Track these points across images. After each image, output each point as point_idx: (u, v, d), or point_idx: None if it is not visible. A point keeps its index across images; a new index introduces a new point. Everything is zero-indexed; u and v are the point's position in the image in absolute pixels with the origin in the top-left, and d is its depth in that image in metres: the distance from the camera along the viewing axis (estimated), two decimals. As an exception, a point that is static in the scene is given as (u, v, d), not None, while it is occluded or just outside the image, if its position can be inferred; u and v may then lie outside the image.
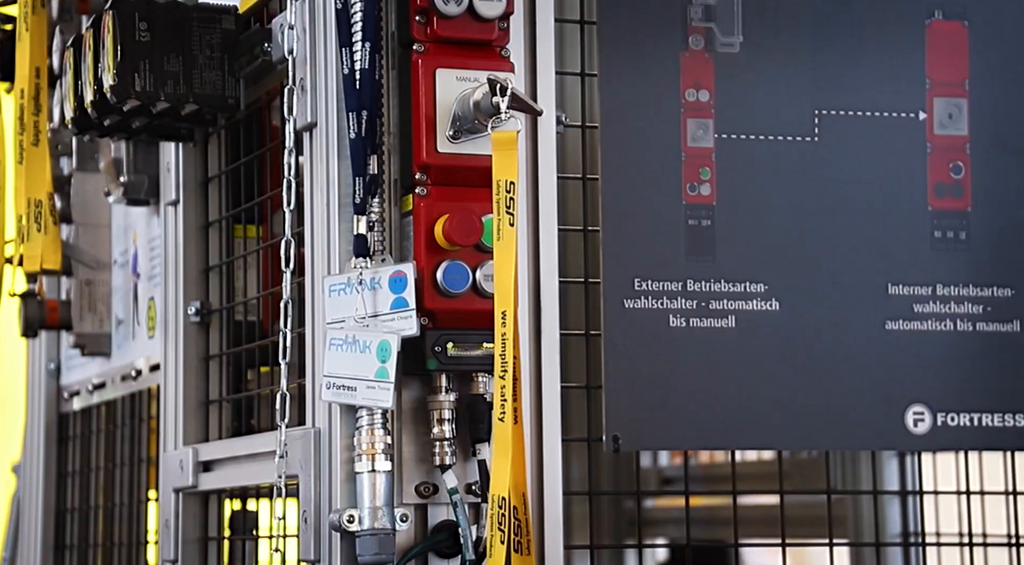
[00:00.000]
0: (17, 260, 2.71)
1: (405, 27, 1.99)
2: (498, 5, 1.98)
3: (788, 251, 2.15)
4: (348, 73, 1.96)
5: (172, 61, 2.18)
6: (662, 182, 2.13)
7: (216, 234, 2.48)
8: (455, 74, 1.97)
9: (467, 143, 1.96)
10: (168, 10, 2.19)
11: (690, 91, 2.15)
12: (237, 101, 2.22)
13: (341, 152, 2.00)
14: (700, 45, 2.16)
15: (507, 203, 1.86)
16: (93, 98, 2.23)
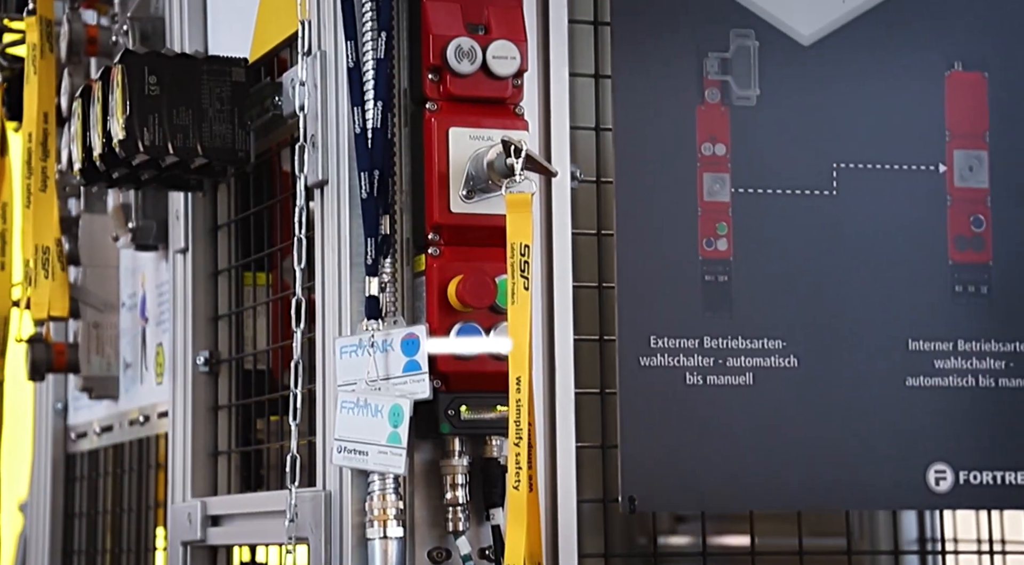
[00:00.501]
0: (25, 303, 2.69)
1: (418, 85, 1.96)
2: (512, 63, 1.95)
3: (806, 306, 2.11)
4: (360, 132, 1.93)
5: (182, 114, 2.15)
6: (678, 237, 2.09)
7: (225, 282, 2.45)
8: (468, 133, 1.94)
9: (480, 202, 1.93)
10: (178, 63, 2.16)
11: (706, 145, 2.12)
12: (247, 153, 2.19)
13: (353, 210, 1.97)
14: (716, 98, 2.12)
15: (522, 266, 1.83)
16: (101, 151, 2.20)
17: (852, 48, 2.15)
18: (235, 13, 2.39)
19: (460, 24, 1.95)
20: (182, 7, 2.50)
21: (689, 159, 2.11)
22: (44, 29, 2.65)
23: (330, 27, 2.02)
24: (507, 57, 1.95)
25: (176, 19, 2.51)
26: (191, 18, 2.48)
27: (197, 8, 2.48)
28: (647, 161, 2.09)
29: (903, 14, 2.17)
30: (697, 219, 2.10)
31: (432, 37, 1.93)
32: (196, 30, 2.47)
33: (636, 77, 2.09)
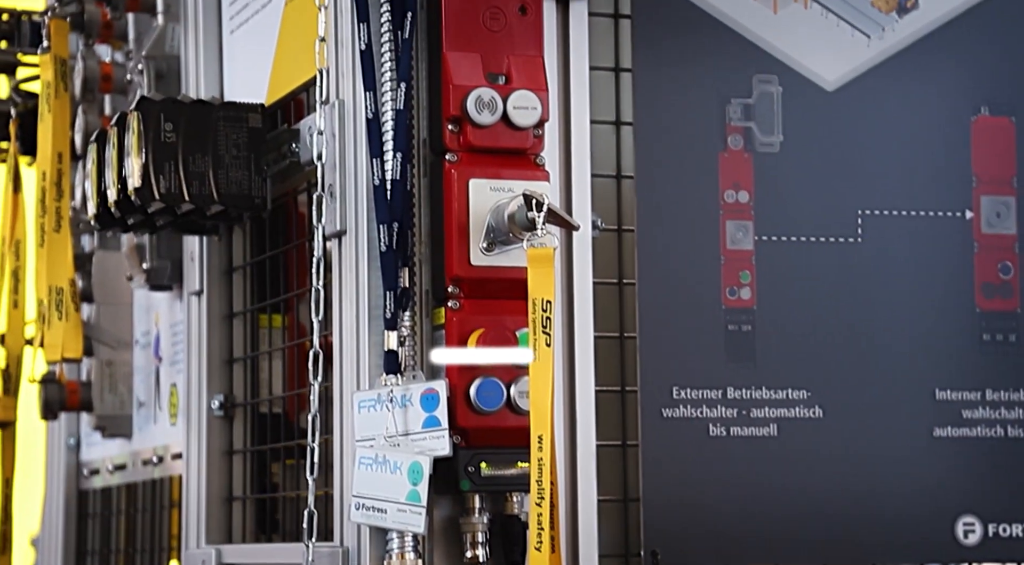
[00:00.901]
0: (39, 342, 2.66)
1: (437, 135, 1.93)
2: (533, 113, 1.92)
3: (831, 356, 2.08)
4: (379, 184, 1.90)
5: (198, 161, 2.12)
6: (701, 286, 2.06)
7: (240, 324, 2.43)
8: (489, 184, 1.91)
9: (501, 255, 1.90)
10: (193, 109, 2.13)
11: (729, 192, 2.09)
12: (264, 200, 2.16)
13: (371, 262, 1.94)
14: (739, 144, 2.09)
15: (544, 322, 1.80)
16: (117, 197, 2.17)
17: (877, 93, 2.12)
18: (251, 54, 2.37)
19: (480, 74, 1.92)
20: (197, 47, 2.47)
21: (712, 207, 2.08)
22: (58, 68, 2.63)
23: (348, 76, 1.99)
24: (528, 107, 1.92)
25: (191, 60, 2.49)
26: (206, 59, 2.46)
27: (212, 48, 2.46)
28: (669, 209, 2.06)
29: (929, 58, 2.14)
30: (720, 267, 2.07)
31: (452, 88, 1.90)
32: (212, 71, 2.45)
33: (657, 123, 2.07)
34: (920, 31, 2.14)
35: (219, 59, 2.47)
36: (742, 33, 2.09)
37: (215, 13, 2.48)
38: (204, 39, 2.47)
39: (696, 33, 2.08)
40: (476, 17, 1.93)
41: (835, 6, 2.12)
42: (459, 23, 1.92)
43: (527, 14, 1.95)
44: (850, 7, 2.13)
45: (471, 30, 1.93)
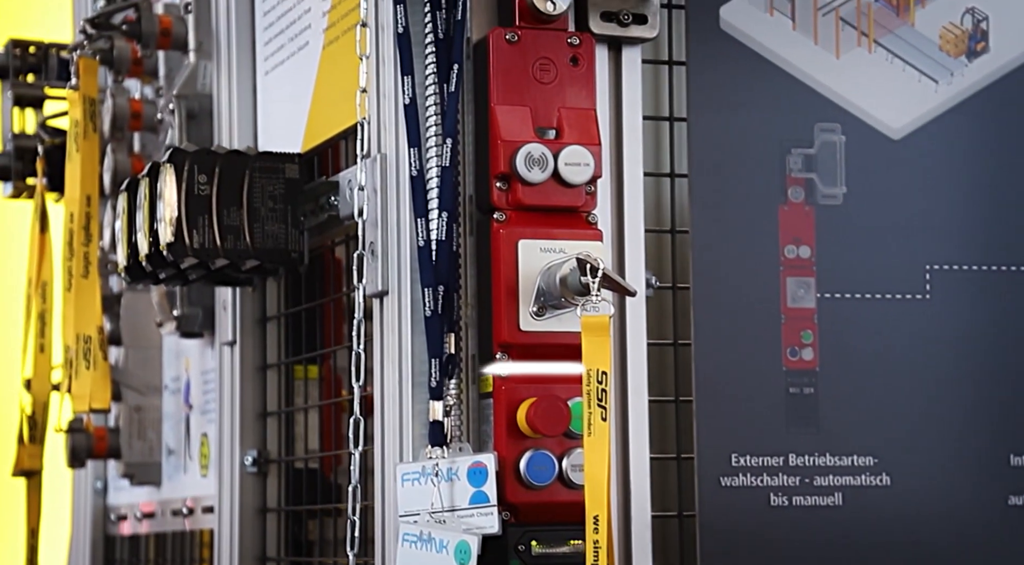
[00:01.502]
0: (66, 387, 2.57)
1: (484, 193, 1.83)
2: (586, 170, 1.82)
3: (899, 420, 1.97)
4: (424, 245, 1.80)
5: (232, 214, 2.03)
6: (760, 347, 1.96)
7: (275, 376, 2.33)
8: (539, 244, 1.81)
9: (552, 319, 1.80)
10: (228, 160, 2.04)
11: (790, 247, 1.98)
12: (301, 254, 2.06)
13: (415, 325, 1.85)
14: (800, 197, 1.99)
15: (599, 395, 1.70)
16: (148, 251, 2.08)
17: (945, 141, 2.01)
18: (287, 97, 2.27)
19: (530, 129, 1.82)
20: (231, 88, 2.38)
21: (771, 263, 1.97)
22: (87, 108, 2.53)
23: (391, 129, 1.89)
24: (580, 164, 1.82)
25: (224, 100, 2.40)
26: (240, 100, 2.36)
27: (247, 89, 2.37)
28: (726, 265, 1.96)
29: (1000, 104, 2.03)
30: (780, 327, 1.97)
31: (501, 143, 1.80)
32: (245, 113, 2.36)
33: (714, 176, 1.96)
34: (991, 76, 2.03)
35: (253, 101, 2.38)
36: (803, 79, 1.99)
37: (249, 53, 2.38)
38: (238, 80, 2.38)
39: (754, 80, 1.98)
40: (526, 69, 1.83)
41: (901, 50, 2.02)
42: (508, 75, 1.82)
43: (579, 65, 1.85)
44: (917, 51, 2.02)
45: (520, 82, 1.83)
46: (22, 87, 2.98)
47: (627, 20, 1.90)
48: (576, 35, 1.85)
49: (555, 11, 1.83)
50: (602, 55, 1.91)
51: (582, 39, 1.85)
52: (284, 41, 2.28)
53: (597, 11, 1.89)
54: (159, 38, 2.55)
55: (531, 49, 1.83)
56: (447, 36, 1.82)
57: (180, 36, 2.54)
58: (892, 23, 2.02)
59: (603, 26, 1.89)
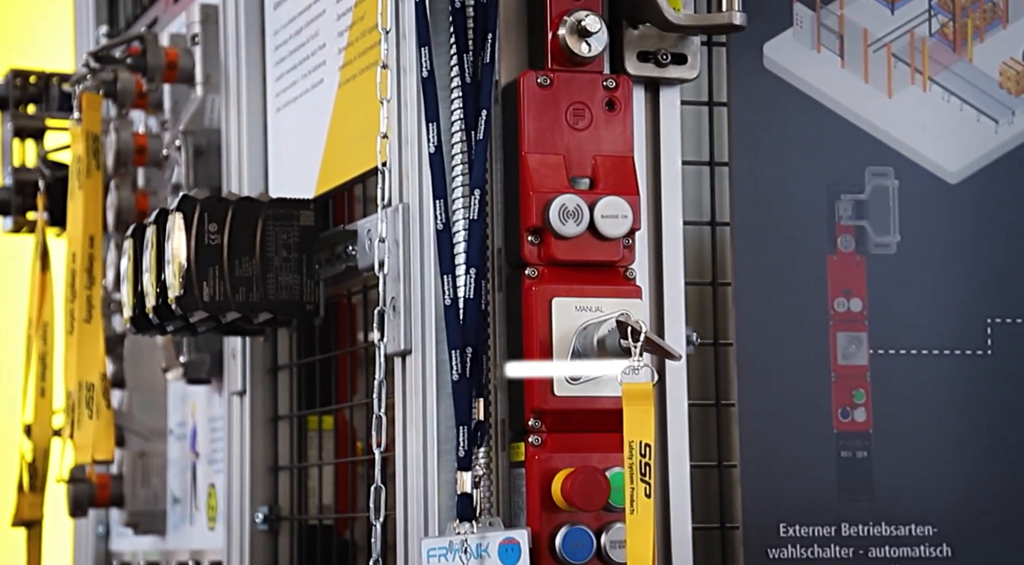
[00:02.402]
0: (67, 435, 2.45)
1: (515, 247, 1.70)
2: (623, 223, 1.69)
3: (959, 486, 1.84)
4: (450, 303, 1.68)
5: (245, 265, 1.90)
6: (809, 407, 1.83)
7: (287, 427, 2.21)
8: (574, 303, 1.68)
9: (589, 384, 1.68)
10: (240, 208, 1.91)
11: (840, 300, 1.85)
12: (316, 306, 1.94)
13: (440, 388, 1.72)
14: (850, 246, 1.86)
15: (642, 468, 1.57)
16: (155, 303, 1.95)
17: (1006, 185, 1.88)
18: (299, 136, 2.15)
19: (564, 179, 1.69)
20: (240, 125, 2.26)
21: (820, 317, 1.84)
22: (90, 144, 2.41)
23: (414, 177, 1.77)
24: (618, 216, 1.69)
25: (233, 138, 2.27)
26: (250, 138, 2.24)
27: (256, 127, 2.24)
28: (771, 319, 1.83)
29: (1063, 145, 1.91)
30: (830, 386, 1.84)
31: (534, 195, 1.68)
32: (255, 152, 2.23)
33: (758, 224, 1.83)
34: (1054, 115, 1.91)
35: (263, 139, 2.25)
36: (852, 120, 1.86)
37: (259, 88, 2.26)
38: (247, 116, 2.26)
39: (801, 121, 1.85)
40: (558, 115, 1.70)
41: (958, 88, 1.89)
42: (540, 122, 1.70)
43: (615, 109, 1.72)
44: (975, 89, 1.89)
45: (553, 129, 1.70)
46: (23, 118, 2.86)
47: (665, 60, 1.77)
48: (612, 77, 1.72)
49: (590, 53, 1.70)
50: (639, 97, 1.79)
51: (618, 82, 1.72)
52: (297, 77, 2.16)
53: (633, 51, 1.76)
54: (165, 71, 2.42)
55: (564, 93, 1.71)
56: (474, 80, 1.70)
57: (187, 69, 2.42)
58: (948, 59, 1.89)
59: (640, 67, 1.77)
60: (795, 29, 1.86)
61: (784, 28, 1.85)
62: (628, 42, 1.76)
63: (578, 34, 1.70)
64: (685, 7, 1.77)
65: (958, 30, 1.90)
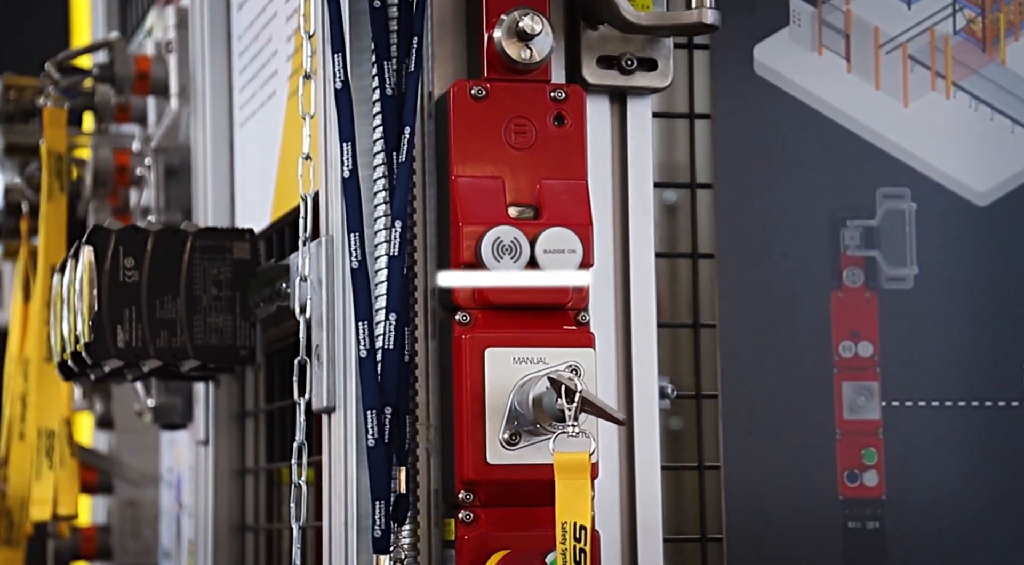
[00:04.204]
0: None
1: (446, 287, 1.45)
2: (571, 258, 1.43)
3: (985, 559, 1.56)
4: (367, 355, 1.43)
5: (167, 305, 1.67)
6: (809, 471, 1.56)
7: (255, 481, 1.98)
8: (512, 354, 1.42)
9: (528, 449, 1.42)
10: (161, 239, 1.68)
11: (846, 344, 1.58)
12: (251, 352, 1.70)
13: (360, 454, 1.47)
14: (859, 281, 1.59)
15: (576, 555, 1.32)
16: (72, 349, 1.73)
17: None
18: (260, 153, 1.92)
19: (501, 207, 1.44)
20: (205, 141, 2.04)
21: (823, 363, 1.57)
22: (53, 165, 2.21)
23: (337, 205, 1.53)
24: (564, 250, 1.43)
25: (200, 156, 2.05)
26: (215, 156, 2.02)
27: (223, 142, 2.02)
28: (764, 367, 1.57)
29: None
30: (836, 444, 1.57)
31: (463, 228, 1.43)
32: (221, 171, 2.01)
33: (747, 255, 1.57)
34: (1103, 124, 1.62)
35: (230, 158, 2.03)
36: (861, 133, 1.59)
37: (226, 100, 2.04)
38: (213, 131, 2.03)
39: (799, 136, 1.58)
40: (496, 131, 1.45)
41: (988, 94, 1.61)
42: (473, 140, 1.44)
43: (565, 124, 1.47)
44: (1009, 95, 1.61)
45: (489, 149, 1.45)
46: (15, 134, 2.67)
47: (631, 66, 1.51)
48: (561, 87, 1.47)
49: (533, 59, 1.45)
50: (602, 109, 1.53)
51: (568, 92, 1.47)
52: (255, 88, 1.93)
53: (593, 56, 1.51)
54: (135, 81, 2.21)
55: (503, 106, 1.45)
56: (398, 92, 1.45)
57: (160, 79, 2.21)
58: (977, 61, 1.61)
59: (601, 74, 1.51)
60: (792, 28, 1.59)
61: (778, 27, 1.58)
62: (587, 46, 1.50)
63: (517, 37, 1.45)
64: (656, 5, 1.51)
65: (988, 27, 1.62)
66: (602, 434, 1.44)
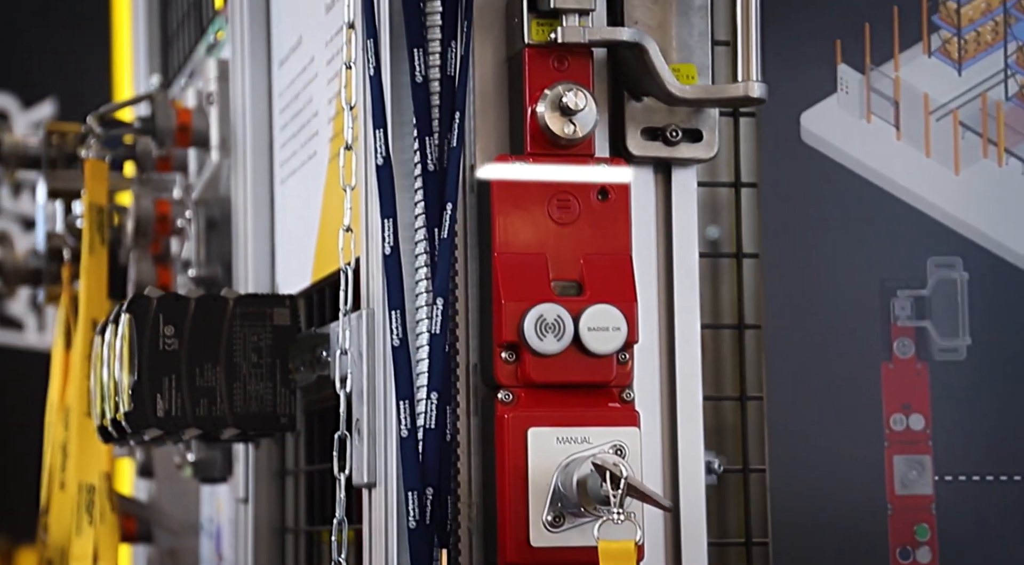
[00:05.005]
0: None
1: (488, 365, 1.43)
2: (615, 336, 1.41)
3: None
4: (408, 435, 1.41)
5: (207, 373, 1.66)
6: (860, 548, 1.52)
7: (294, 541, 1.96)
8: (555, 434, 1.40)
9: (572, 531, 1.39)
10: (202, 307, 1.67)
11: (897, 416, 1.55)
12: (291, 419, 1.69)
13: (400, 534, 1.45)
14: (910, 352, 1.55)
15: (621, 646, 1.29)
16: (112, 415, 1.72)
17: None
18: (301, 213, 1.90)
19: (545, 284, 1.42)
20: (246, 196, 2.02)
21: (874, 437, 1.54)
22: (95, 217, 2.20)
23: (378, 278, 1.51)
24: (608, 328, 1.41)
25: (241, 212, 2.03)
26: (255, 213, 2.00)
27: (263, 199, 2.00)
28: (812, 441, 1.53)
29: None
30: (886, 521, 1.54)
31: (506, 305, 1.41)
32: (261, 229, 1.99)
33: (795, 326, 1.54)
34: None
35: (271, 214, 2.01)
36: (911, 202, 1.56)
37: (267, 155, 2.02)
38: (254, 187, 2.02)
39: (847, 204, 1.55)
40: (540, 206, 1.43)
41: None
42: (515, 216, 1.42)
43: (609, 198, 1.44)
44: (1061, 162, 1.58)
45: (532, 224, 1.42)
46: (58, 179, 2.67)
47: (676, 137, 1.48)
48: (604, 161, 1.45)
49: (576, 134, 1.43)
50: (647, 179, 1.50)
51: (613, 165, 1.45)
52: (296, 147, 1.91)
53: (637, 127, 1.48)
54: (176, 134, 2.20)
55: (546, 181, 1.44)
56: (440, 167, 1.43)
57: (201, 132, 2.19)
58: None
59: (645, 146, 1.48)
60: (839, 95, 1.56)
61: (826, 94, 1.55)
62: (631, 116, 1.48)
63: (560, 112, 1.42)
64: (701, 75, 1.49)
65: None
66: (647, 509, 1.42)
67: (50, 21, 3.90)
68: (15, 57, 3.93)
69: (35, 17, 3.90)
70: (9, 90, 3.95)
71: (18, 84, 3.95)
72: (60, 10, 3.92)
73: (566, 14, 1.41)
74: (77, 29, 3.94)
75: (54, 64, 3.96)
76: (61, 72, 3.97)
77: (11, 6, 3.91)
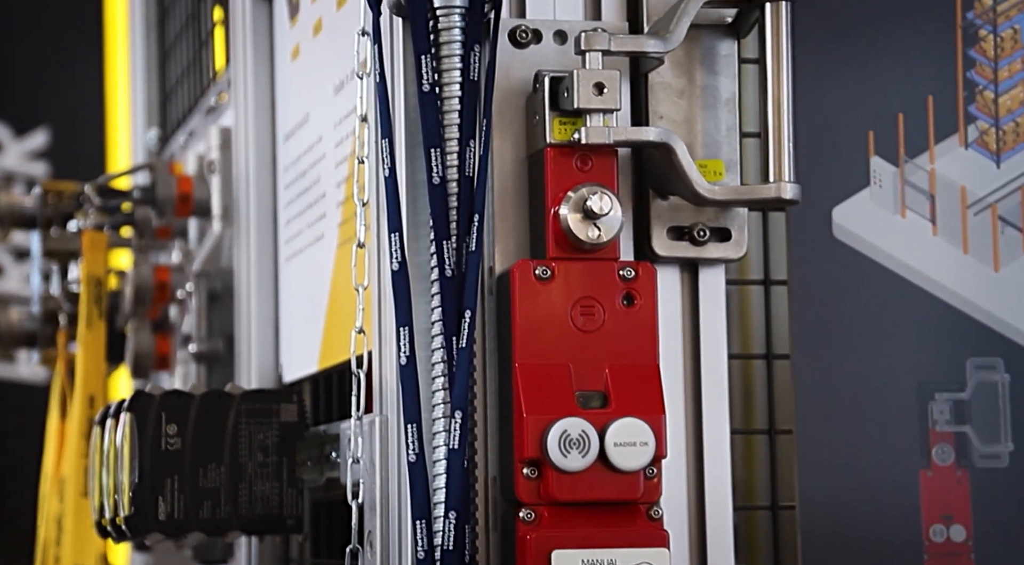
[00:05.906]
0: None
1: (509, 482, 1.36)
2: (643, 452, 1.33)
3: None
4: (425, 556, 1.34)
5: (211, 474, 1.59)
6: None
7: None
8: (580, 556, 1.33)
9: (599, 659, 1.33)
10: (206, 404, 1.59)
11: (937, 527, 1.48)
12: (298, 520, 1.62)
13: (419, 658, 1.38)
14: (949, 459, 1.49)
15: None
16: (112, 515, 1.65)
17: None
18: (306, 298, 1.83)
19: (568, 396, 1.35)
20: (249, 272, 1.95)
21: (912, 549, 1.47)
22: (92, 290, 2.13)
23: (393, 384, 1.44)
24: (636, 443, 1.34)
25: (244, 288, 1.96)
26: (259, 288, 1.93)
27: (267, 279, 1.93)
28: (848, 554, 1.46)
29: None
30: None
31: (527, 419, 1.34)
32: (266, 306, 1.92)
33: (828, 432, 1.47)
34: None
35: (275, 288, 1.94)
36: (949, 300, 1.49)
37: (270, 227, 1.95)
38: (257, 263, 1.95)
39: (882, 303, 1.48)
40: (563, 315, 1.36)
41: (1087, 256, 1.51)
42: (537, 323, 1.35)
43: (635, 304, 1.37)
44: (1108, 257, 1.51)
45: (555, 333, 1.36)
46: (54, 241, 2.60)
47: (703, 237, 1.42)
48: (630, 265, 1.38)
49: (601, 239, 1.36)
50: (673, 279, 1.44)
51: (639, 270, 1.37)
52: (302, 226, 1.85)
53: (663, 227, 1.41)
54: (177, 204, 2.13)
55: (569, 287, 1.36)
56: (457, 272, 1.36)
57: (202, 201, 2.13)
58: (1073, 220, 1.52)
59: (672, 246, 1.42)
60: (872, 189, 1.49)
61: (858, 188, 1.49)
62: (656, 216, 1.41)
63: (584, 215, 1.35)
64: (729, 170, 1.42)
65: (1084, 184, 1.52)
66: None
67: (44, 49, 3.84)
68: (7, 85, 3.86)
69: (28, 45, 3.84)
70: (1, 119, 3.89)
71: (10, 113, 3.89)
72: (54, 38, 3.85)
73: (590, 114, 1.34)
74: (71, 57, 3.88)
75: (47, 93, 3.89)
76: (54, 100, 3.90)
77: (3, 34, 3.85)
